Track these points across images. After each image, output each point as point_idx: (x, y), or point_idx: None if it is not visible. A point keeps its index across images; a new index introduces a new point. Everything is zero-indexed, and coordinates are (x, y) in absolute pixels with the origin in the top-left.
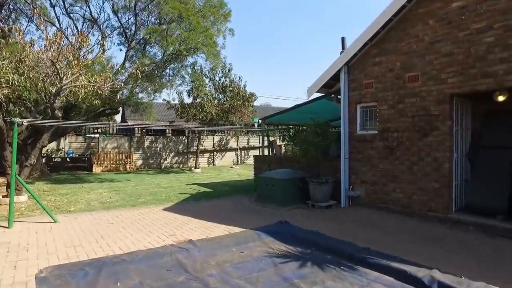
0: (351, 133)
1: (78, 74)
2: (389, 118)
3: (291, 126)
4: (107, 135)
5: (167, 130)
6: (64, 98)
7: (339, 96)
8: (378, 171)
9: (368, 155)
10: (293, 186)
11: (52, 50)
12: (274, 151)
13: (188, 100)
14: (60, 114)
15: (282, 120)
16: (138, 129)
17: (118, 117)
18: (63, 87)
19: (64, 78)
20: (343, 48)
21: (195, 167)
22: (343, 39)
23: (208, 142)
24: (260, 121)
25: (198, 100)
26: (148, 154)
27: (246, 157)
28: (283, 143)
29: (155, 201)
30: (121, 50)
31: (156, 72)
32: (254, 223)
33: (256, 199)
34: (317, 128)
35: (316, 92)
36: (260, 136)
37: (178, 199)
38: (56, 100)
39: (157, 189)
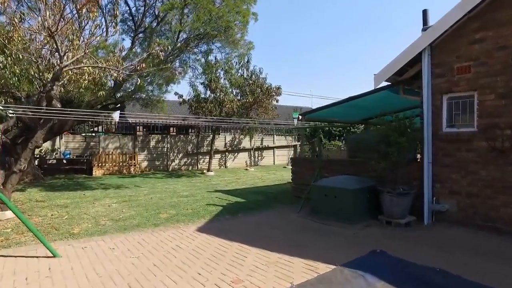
0: (435, 132)
1: (83, 53)
2: (498, 111)
3: (306, 125)
4: (103, 133)
5: (172, 129)
6: (62, 88)
7: (406, 87)
8: (479, 180)
9: (462, 159)
10: (363, 198)
11: (50, 20)
12: (317, 152)
13: (204, 94)
14: (59, 105)
15: (328, 115)
16: (141, 127)
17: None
18: (64, 69)
19: (65, 57)
20: (424, 23)
21: (208, 170)
22: (425, 12)
23: (219, 142)
24: (300, 116)
25: (212, 95)
26: (154, 155)
27: (260, 158)
28: (298, 143)
29: (182, 217)
30: (124, 39)
31: (177, 54)
32: (332, 252)
33: (309, 213)
34: (399, 125)
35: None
36: (274, 136)
37: (210, 214)
38: (54, 87)
39: (177, 199)
